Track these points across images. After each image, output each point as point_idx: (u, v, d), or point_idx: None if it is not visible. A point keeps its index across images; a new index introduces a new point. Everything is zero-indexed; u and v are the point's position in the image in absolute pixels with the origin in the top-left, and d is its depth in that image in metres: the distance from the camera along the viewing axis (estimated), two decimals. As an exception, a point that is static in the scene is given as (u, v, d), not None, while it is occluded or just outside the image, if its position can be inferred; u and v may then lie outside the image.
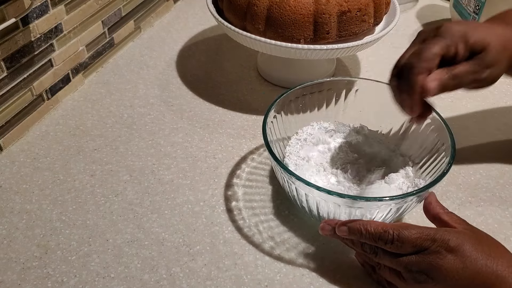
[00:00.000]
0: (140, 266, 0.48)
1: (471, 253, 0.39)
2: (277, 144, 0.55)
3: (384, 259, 0.42)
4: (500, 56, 0.45)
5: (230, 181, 0.57)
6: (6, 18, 0.55)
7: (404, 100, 0.45)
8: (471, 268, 0.39)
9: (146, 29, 0.85)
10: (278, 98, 0.54)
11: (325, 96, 0.58)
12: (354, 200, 0.44)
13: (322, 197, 0.45)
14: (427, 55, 0.43)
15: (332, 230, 0.44)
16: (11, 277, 0.47)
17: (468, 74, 0.44)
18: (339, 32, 0.62)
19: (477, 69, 0.44)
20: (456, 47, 0.44)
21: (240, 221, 0.52)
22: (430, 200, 0.45)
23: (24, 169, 0.58)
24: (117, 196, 0.55)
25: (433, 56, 0.43)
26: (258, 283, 0.47)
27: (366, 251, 0.43)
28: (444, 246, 0.39)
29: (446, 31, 0.44)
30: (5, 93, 0.58)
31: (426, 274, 0.40)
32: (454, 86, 0.44)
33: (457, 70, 0.44)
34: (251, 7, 0.62)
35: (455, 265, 0.39)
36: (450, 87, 0.44)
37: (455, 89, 0.45)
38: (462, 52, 0.44)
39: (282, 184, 0.50)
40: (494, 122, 0.67)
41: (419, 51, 0.44)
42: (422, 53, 0.43)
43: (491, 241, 0.42)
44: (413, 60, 0.44)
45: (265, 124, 0.50)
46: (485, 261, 0.39)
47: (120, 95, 0.70)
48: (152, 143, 0.62)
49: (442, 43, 0.44)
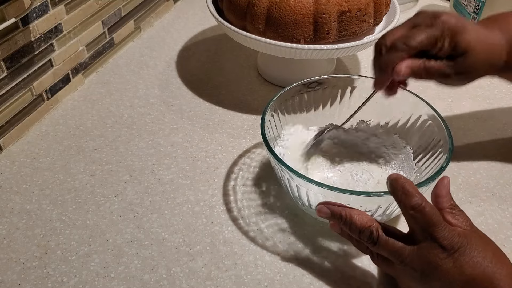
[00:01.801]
0: (140, 266, 0.48)
1: (471, 259, 0.38)
2: (276, 142, 0.55)
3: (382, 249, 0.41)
4: (478, 65, 0.47)
5: (230, 181, 0.57)
6: (6, 18, 0.55)
7: (376, 75, 0.48)
8: (468, 274, 0.38)
9: (146, 29, 0.85)
10: (276, 95, 0.54)
11: (325, 94, 0.58)
12: (347, 194, 0.43)
13: (320, 192, 0.45)
14: (411, 43, 0.45)
15: (330, 213, 0.44)
16: (11, 277, 0.47)
17: (438, 73, 0.47)
18: (339, 32, 0.62)
19: (448, 71, 0.46)
20: (443, 42, 0.45)
21: (240, 221, 0.52)
22: (439, 192, 0.43)
23: (24, 169, 0.58)
24: (117, 196, 0.55)
25: (416, 45, 0.45)
26: (258, 283, 0.47)
27: (363, 239, 0.42)
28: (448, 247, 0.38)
29: (440, 22, 0.45)
30: (5, 93, 0.58)
31: (420, 271, 0.39)
32: (424, 76, 0.47)
33: (430, 65, 0.46)
34: (251, 7, 0.62)
35: (453, 268, 0.38)
36: (419, 78, 0.47)
37: (425, 79, 0.47)
38: (446, 47, 0.46)
39: (278, 178, 0.50)
40: (494, 122, 0.67)
41: (406, 37, 0.46)
42: (408, 40, 0.45)
43: (495, 247, 0.40)
44: (397, 43, 0.46)
45: (263, 122, 0.50)
46: (483, 269, 0.38)
47: (120, 95, 0.70)
48: (152, 143, 0.62)
49: (430, 34, 0.45)
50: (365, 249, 0.44)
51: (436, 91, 0.72)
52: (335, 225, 0.44)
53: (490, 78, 0.67)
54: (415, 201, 0.39)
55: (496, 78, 0.53)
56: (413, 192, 0.39)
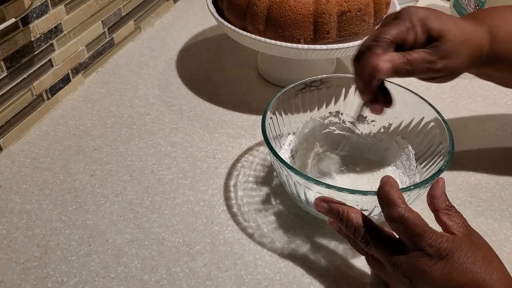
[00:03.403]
0: (140, 266, 0.48)
1: (460, 265, 0.37)
2: (277, 141, 0.55)
3: (374, 251, 0.41)
4: (458, 49, 0.44)
5: (230, 181, 0.57)
6: (6, 18, 0.55)
7: (357, 80, 0.45)
8: (457, 280, 0.37)
9: (146, 29, 0.85)
10: (279, 93, 0.54)
11: (326, 93, 0.58)
12: (344, 192, 0.43)
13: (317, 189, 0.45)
14: (382, 36, 0.43)
15: (328, 208, 0.44)
16: (11, 277, 0.47)
17: (423, 62, 0.43)
18: (339, 32, 0.62)
19: (431, 58, 0.44)
20: (415, 31, 0.43)
21: (240, 221, 0.52)
22: (434, 193, 0.42)
23: (24, 169, 0.58)
24: (117, 196, 0.55)
25: (388, 37, 0.43)
26: (258, 283, 0.47)
27: (357, 238, 0.42)
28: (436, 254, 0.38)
29: (406, 13, 0.44)
30: (5, 93, 0.58)
31: (410, 278, 0.39)
32: (407, 71, 0.43)
33: (412, 57, 0.43)
34: (251, 7, 0.62)
35: (441, 275, 0.37)
36: (403, 72, 0.43)
37: (408, 75, 0.44)
38: (419, 35, 0.43)
39: (279, 175, 0.50)
40: (494, 122, 0.67)
41: (377, 36, 0.44)
42: (378, 34, 0.43)
43: (487, 252, 0.39)
44: (369, 43, 0.44)
45: (265, 120, 0.50)
46: (472, 275, 0.37)
47: (120, 95, 0.71)
48: (152, 143, 0.62)
49: (400, 25, 0.43)
50: (361, 249, 0.44)
51: (436, 91, 0.72)
52: (334, 222, 0.44)
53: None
54: (397, 212, 0.38)
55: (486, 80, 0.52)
56: (396, 202, 0.39)
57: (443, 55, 0.44)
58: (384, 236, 0.41)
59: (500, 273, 0.38)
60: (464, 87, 0.74)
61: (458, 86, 0.74)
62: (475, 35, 0.46)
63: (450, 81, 0.48)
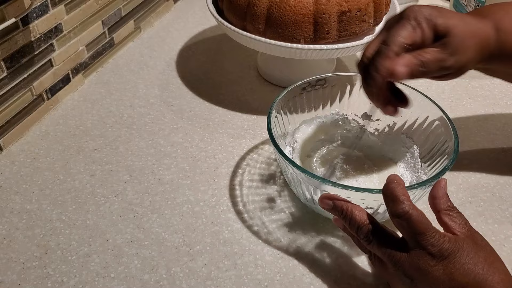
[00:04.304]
0: (140, 266, 0.48)
1: (462, 266, 0.37)
2: (281, 139, 0.55)
3: (376, 249, 0.41)
4: (466, 43, 0.44)
5: (230, 181, 0.57)
6: (6, 18, 0.55)
7: (368, 85, 0.44)
8: (458, 281, 0.37)
9: (146, 29, 0.85)
10: (282, 93, 0.54)
11: (328, 92, 0.59)
12: (349, 190, 0.43)
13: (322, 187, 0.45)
14: (393, 39, 0.42)
15: (332, 205, 0.44)
16: (11, 277, 0.47)
17: (436, 61, 0.43)
18: (339, 32, 0.62)
19: (442, 56, 0.43)
20: (422, 29, 0.43)
21: (240, 221, 0.52)
22: (436, 194, 0.42)
23: (24, 169, 0.58)
24: (117, 196, 0.55)
25: (400, 39, 0.42)
26: (258, 283, 0.47)
27: (360, 236, 0.42)
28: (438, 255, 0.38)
29: (410, 12, 0.43)
30: (5, 93, 0.58)
31: (411, 277, 0.39)
32: (422, 73, 0.43)
33: (425, 58, 0.42)
34: (251, 7, 0.62)
35: (443, 275, 0.37)
36: (418, 75, 0.43)
37: (422, 77, 0.44)
38: (427, 33, 0.43)
39: (284, 173, 0.50)
40: (494, 122, 0.67)
41: (387, 37, 0.43)
42: (390, 38, 0.42)
43: (489, 253, 0.39)
44: (380, 47, 0.43)
45: (270, 118, 0.51)
46: (474, 276, 0.37)
47: (120, 95, 0.70)
48: (152, 143, 0.62)
49: (408, 26, 0.43)
50: (365, 248, 0.44)
51: (436, 91, 0.72)
52: (339, 220, 0.44)
53: (490, 78, 0.67)
54: (402, 208, 0.38)
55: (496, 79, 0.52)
56: (401, 199, 0.39)
57: (453, 51, 0.43)
58: (387, 235, 0.41)
59: (502, 275, 0.38)
60: (464, 87, 0.73)
61: (458, 86, 0.74)
62: (481, 28, 0.46)
63: (449, 81, 0.48)
